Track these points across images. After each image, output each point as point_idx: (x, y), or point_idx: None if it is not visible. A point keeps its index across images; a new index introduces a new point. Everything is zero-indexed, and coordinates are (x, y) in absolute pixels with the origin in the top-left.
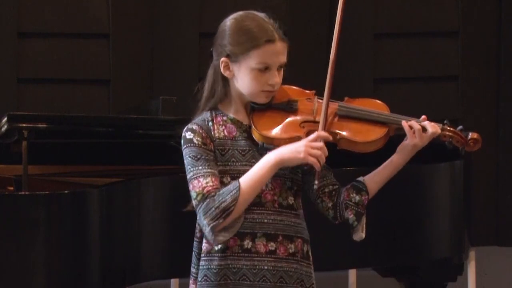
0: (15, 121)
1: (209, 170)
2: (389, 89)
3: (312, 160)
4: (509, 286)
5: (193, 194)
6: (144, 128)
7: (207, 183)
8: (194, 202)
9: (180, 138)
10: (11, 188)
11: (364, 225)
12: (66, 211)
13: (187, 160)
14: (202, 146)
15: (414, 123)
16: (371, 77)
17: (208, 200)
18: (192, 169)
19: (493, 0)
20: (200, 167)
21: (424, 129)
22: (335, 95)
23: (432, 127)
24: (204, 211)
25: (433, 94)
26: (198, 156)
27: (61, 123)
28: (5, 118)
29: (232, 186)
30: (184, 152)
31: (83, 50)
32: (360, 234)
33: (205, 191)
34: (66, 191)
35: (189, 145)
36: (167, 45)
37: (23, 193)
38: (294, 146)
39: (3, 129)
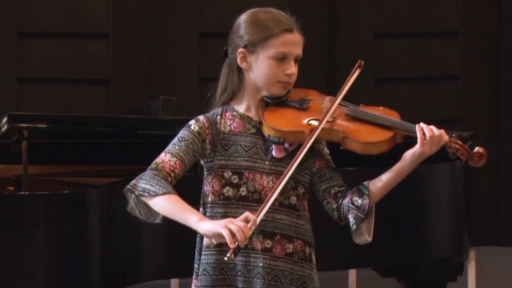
0: (15, 121)
1: (181, 153)
2: (389, 89)
3: (225, 232)
4: (509, 286)
5: (153, 162)
6: (144, 128)
7: (169, 161)
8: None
9: None
10: (11, 188)
11: (371, 230)
12: (66, 211)
13: (174, 139)
14: (195, 134)
15: (433, 129)
16: (371, 77)
17: (152, 172)
18: (170, 145)
19: (493, 0)
20: (177, 147)
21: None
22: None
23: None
24: (142, 175)
25: (433, 94)
26: (184, 139)
27: (61, 123)
28: (5, 118)
29: (170, 188)
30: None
31: (83, 50)
32: (365, 238)
33: (160, 165)
34: (66, 191)
35: (185, 128)
36: (167, 45)
37: (23, 193)
38: (219, 221)
39: (3, 129)
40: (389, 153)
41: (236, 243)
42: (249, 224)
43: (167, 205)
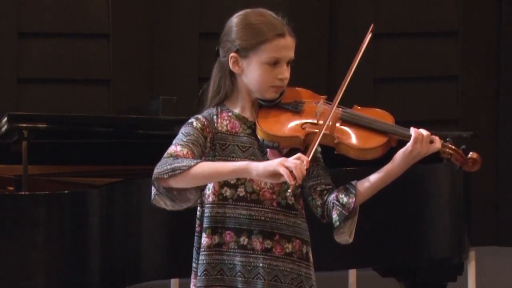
0: (15, 121)
1: (190, 144)
2: (389, 89)
3: (284, 170)
4: (509, 286)
5: (165, 153)
6: (144, 128)
7: (181, 151)
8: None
9: None
10: (11, 188)
11: (353, 231)
12: (66, 211)
13: (178, 135)
14: (199, 131)
15: (423, 130)
16: (371, 77)
17: (170, 158)
18: (177, 139)
19: (493, 0)
20: (185, 139)
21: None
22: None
23: (436, 140)
24: (160, 163)
25: (433, 94)
26: (190, 133)
27: (61, 123)
28: (5, 118)
29: (195, 159)
30: (180, 130)
31: (83, 50)
32: (345, 238)
33: (174, 154)
34: (66, 191)
35: (186, 125)
36: (167, 45)
37: (23, 193)
38: (273, 160)
39: (3, 129)
40: (387, 155)
41: (295, 180)
42: (300, 161)
43: (208, 169)
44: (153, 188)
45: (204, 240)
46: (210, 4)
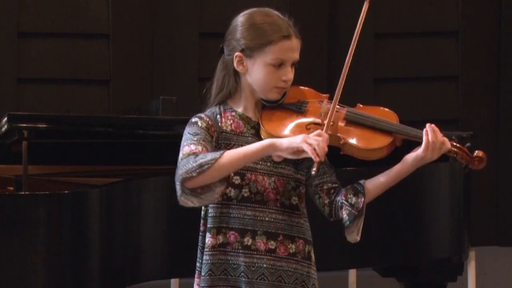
0: (15, 121)
1: (202, 142)
2: (389, 89)
3: (307, 147)
4: (509, 286)
5: (180, 155)
6: (144, 128)
7: (196, 148)
8: (178, 161)
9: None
10: (11, 188)
11: (360, 229)
12: (66, 211)
13: (185, 136)
14: (204, 129)
15: (437, 132)
16: (371, 77)
17: (191, 156)
18: (186, 140)
19: (493, 0)
20: (195, 139)
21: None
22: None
23: (446, 142)
24: (183, 163)
25: (433, 94)
26: (197, 133)
27: (61, 123)
28: (5, 118)
29: (217, 151)
30: (184, 131)
31: (83, 50)
32: (354, 237)
33: (191, 152)
34: (66, 191)
35: (191, 126)
36: (167, 45)
37: (23, 193)
38: (295, 137)
39: (3, 129)
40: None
41: (318, 157)
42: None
43: (235, 156)
44: (178, 189)
45: (209, 240)
46: (210, 4)
